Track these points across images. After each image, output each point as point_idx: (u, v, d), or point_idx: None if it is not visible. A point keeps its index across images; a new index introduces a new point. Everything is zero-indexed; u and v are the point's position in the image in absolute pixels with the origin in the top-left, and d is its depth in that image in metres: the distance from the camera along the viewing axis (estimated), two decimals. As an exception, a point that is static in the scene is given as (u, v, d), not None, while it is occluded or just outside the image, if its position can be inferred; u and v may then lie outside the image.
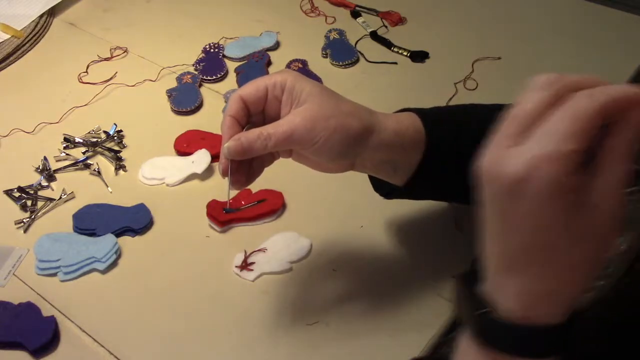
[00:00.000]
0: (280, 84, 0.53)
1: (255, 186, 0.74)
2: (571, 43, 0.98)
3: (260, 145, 0.51)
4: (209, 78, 0.94)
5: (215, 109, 0.89)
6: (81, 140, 0.84)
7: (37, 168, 0.81)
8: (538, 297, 0.35)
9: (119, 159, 0.82)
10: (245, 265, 0.68)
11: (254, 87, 0.54)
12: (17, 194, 0.78)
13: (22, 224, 0.75)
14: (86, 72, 0.96)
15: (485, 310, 0.36)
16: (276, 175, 0.74)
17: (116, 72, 0.96)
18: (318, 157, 0.54)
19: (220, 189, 0.77)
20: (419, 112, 0.58)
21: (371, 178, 0.63)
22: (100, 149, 0.83)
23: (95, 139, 0.84)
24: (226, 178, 0.54)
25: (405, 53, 0.97)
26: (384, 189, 0.62)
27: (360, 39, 1.01)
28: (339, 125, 0.52)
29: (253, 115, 0.55)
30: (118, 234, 0.72)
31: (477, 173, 0.35)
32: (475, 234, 0.37)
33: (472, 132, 0.59)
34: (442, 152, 0.57)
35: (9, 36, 1.02)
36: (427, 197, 0.66)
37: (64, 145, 0.84)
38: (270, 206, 0.74)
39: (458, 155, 0.58)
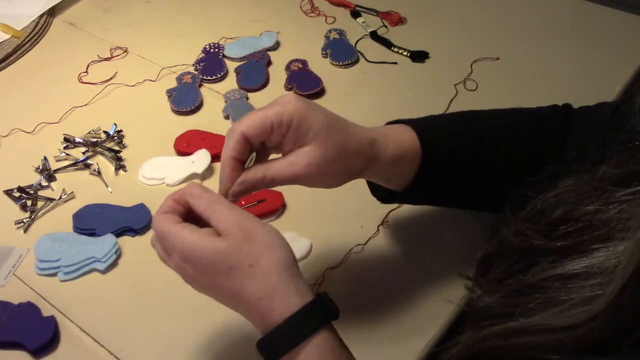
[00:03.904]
0: (286, 122, 0.51)
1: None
2: (570, 43, 0.98)
3: (264, 186, 0.52)
4: (209, 78, 0.94)
5: (215, 109, 0.89)
6: (81, 140, 0.84)
7: (37, 168, 0.81)
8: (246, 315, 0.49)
9: (119, 159, 0.82)
10: (245, 265, 0.68)
11: (259, 125, 0.51)
12: (17, 194, 0.78)
13: (22, 224, 0.75)
14: (86, 72, 0.96)
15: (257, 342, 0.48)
16: (276, 175, 0.74)
17: (116, 72, 0.96)
18: (316, 187, 0.55)
19: (220, 189, 0.77)
20: (416, 125, 0.58)
21: (368, 182, 0.63)
22: (100, 149, 0.83)
23: (95, 139, 0.84)
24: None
25: (405, 53, 0.97)
26: (381, 193, 0.63)
27: (360, 39, 1.01)
28: (342, 169, 0.53)
29: (254, 146, 0.53)
30: (118, 234, 0.72)
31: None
32: None
33: (468, 141, 0.59)
34: (438, 164, 0.58)
35: (9, 36, 1.02)
36: (424, 203, 0.67)
37: (64, 145, 0.84)
38: (270, 206, 0.74)
39: (455, 165, 0.59)
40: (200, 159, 0.80)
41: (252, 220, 0.48)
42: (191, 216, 0.51)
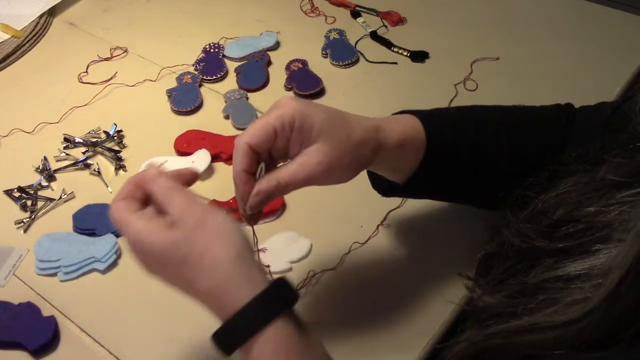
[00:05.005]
0: (288, 123, 0.50)
1: (255, 186, 0.74)
2: (570, 43, 0.98)
3: (279, 194, 0.52)
4: (209, 78, 0.94)
5: (215, 109, 0.89)
6: (81, 140, 0.84)
7: (37, 168, 0.81)
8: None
9: (119, 159, 0.82)
10: (245, 265, 0.68)
11: (262, 133, 0.50)
12: (17, 194, 0.78)
13: (22, 224, 0.75)
14: (86, 72, 0.96)
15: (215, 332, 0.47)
16: (276, 175, 0.74)
17: (116, 72, 0.96)
18: (329, 184, 0.54)
19: (220, 188, 0.78)
20: (421, 115, 0.58)
21: (370, 175, 0.63)
22: (100, 149, 0.83)
23: (95, 139, 0.84)
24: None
25: (405, 53, 0.97)
26: (383, 186, 0.62)
27: (360, 39, 1.01)
28: (352, 161, 0.52)
29: (261, 156, 0.53)
30: (118, 233, 0.72)
31: None
32: None
33: (470, 135, 0.60)
34: (441, 155, 0.58)
35: (9, 36, 1.02)
36: (425, 197, 0.67)
37: (64, 145, 0.84)
38: (270, 206, 0.74)
39: (457, 158, 0.59)
40: (200, 159, 0.80)
41: (205, 207, 0.48)
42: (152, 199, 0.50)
